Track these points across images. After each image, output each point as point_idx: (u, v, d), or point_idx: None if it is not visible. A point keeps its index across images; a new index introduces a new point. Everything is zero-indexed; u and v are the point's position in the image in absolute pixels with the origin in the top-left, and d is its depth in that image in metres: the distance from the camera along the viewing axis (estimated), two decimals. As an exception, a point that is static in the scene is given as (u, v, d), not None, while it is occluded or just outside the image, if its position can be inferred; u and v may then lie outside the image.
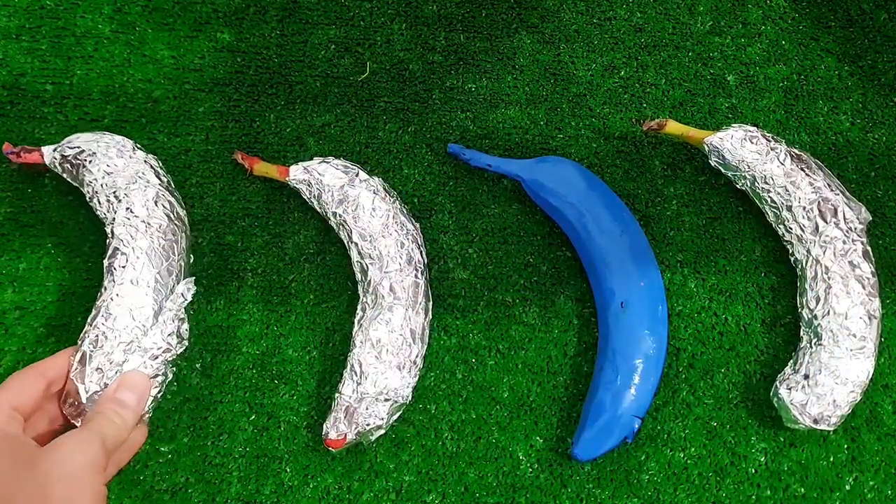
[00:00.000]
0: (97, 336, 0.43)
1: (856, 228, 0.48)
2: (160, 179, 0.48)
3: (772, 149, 0.49)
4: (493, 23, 0.56)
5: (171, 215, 0.47)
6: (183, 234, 0.48)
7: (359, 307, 0.48)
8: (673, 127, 0.51)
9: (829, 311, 0.46)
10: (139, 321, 0.43)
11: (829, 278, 0.47)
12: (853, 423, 0.48)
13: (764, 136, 0.49)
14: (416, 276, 0.47)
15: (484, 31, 0.56)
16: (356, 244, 0.48)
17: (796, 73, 0.56)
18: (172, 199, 0.48)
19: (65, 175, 0.49)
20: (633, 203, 0.53)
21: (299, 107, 0.54)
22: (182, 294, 0.45)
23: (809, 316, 0.47)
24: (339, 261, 0.51)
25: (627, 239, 0.49)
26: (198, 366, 0.49)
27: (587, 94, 0.55)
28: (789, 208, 0.48)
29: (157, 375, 0.44)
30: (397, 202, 0.49)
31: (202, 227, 0.52)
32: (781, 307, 0.51)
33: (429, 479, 0.47)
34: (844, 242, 0.47)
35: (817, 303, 0.47)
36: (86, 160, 0.47)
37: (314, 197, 0.49)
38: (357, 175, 0.49)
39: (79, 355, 0.43)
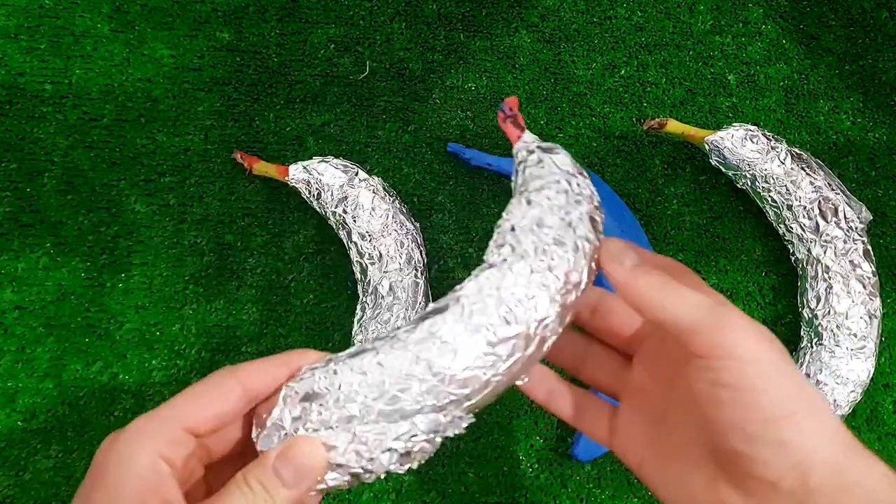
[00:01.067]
0: (333, 383, 0.28)
1: (856, 228, 0.47)
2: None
3: (772, 148, 0.49)
4: (493, 22, 0.56)
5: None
6: None
7: (358, 307, 0.48)
8: (673, 126, 0.51)
9: (829, 311, 0.46)
10: (379, 400, 0.28)
11: (829, 278, 0.47)
12: (854, 422, 0.48)
13: (764, 136, 0.49)
14: (415, 276, 0.47)
15: (484, 30, 0.56)
16: (355, 244, 0.48)
17: (797, 73, 0.56)
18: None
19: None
20: (633, 202, 0.53)
21: (299, 106, 0.54)
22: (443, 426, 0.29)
23: (810, 315, 0.47)
24: (339, 260, 0.51)
25: (627, 238, 0.49)
26: (197, 366, 0.49)
27: (587, 93, 0.55)
28: (790, 207, 0.48)
29: (342, 472, 0.28)
30: (397, 202, 0.49)
31: (202, 226, 0.52)
32: (782, 306, 0.51)
33: (429, 479, 0.47)
34: (845, 242, 0.47)
35: (818, 302, 0.47)
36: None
37: (313, 196, 0.49)
38: (356, 174, 0.49)
39: (308, 381, 0.29)
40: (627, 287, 0.27)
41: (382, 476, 0.28)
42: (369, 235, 0.47)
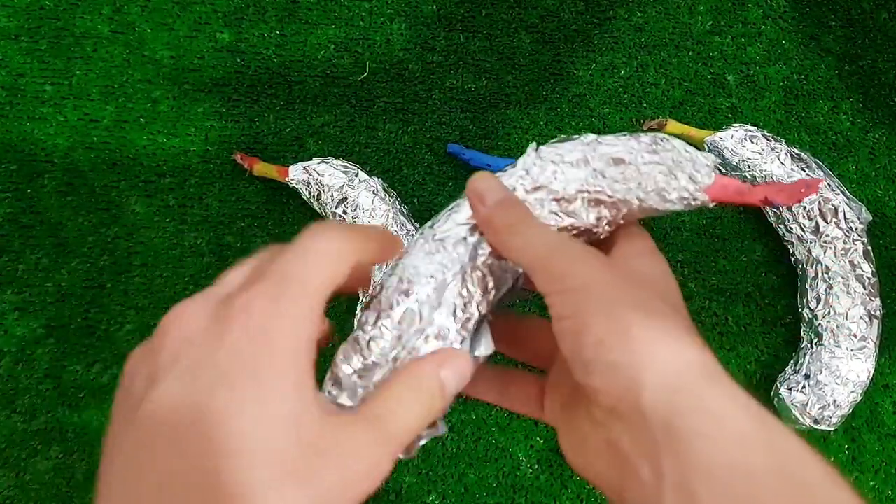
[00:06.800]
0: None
1: (856, 228, 0.47)
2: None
3: (772, 148, 0.49)
4: (493, 23, 0.56)
5: None
6: None
7: (358, 307, 0.48)
8: (673, 126, 0.51)
9: (829, 311, 0.46)
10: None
11: (829, 278, 0.47)
12: (854, 423, 0.48)
13: (764, 136, 0.49)
14: (415, 277, 0.47)
15: (484, 30, 0.56)
16: (356, 244, 0.48)
17: (797, 73, 0.56)
18: None
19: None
20: (633, 203, 0.53)
21: (299, 107, 0.54)
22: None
23: (810, 316, 0.47)
24: (339, 261, 0.51)
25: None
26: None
27: (587, 94, 0.55)
28: (789, 208, 0.48)
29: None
30: (397, 203, 0.49)
31: (201, 227, 0.52)
32: (782, 307, 0.51)
33: (429, 480, 0.47)
34: (845, 242, 0.47)
35: (818, 303, 0.47)
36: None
37: (313, 197, 0.49)
38: (356, 175, 0.49)
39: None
40: (483, 227, 0.25)
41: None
42: (369, 236, 0.47)
